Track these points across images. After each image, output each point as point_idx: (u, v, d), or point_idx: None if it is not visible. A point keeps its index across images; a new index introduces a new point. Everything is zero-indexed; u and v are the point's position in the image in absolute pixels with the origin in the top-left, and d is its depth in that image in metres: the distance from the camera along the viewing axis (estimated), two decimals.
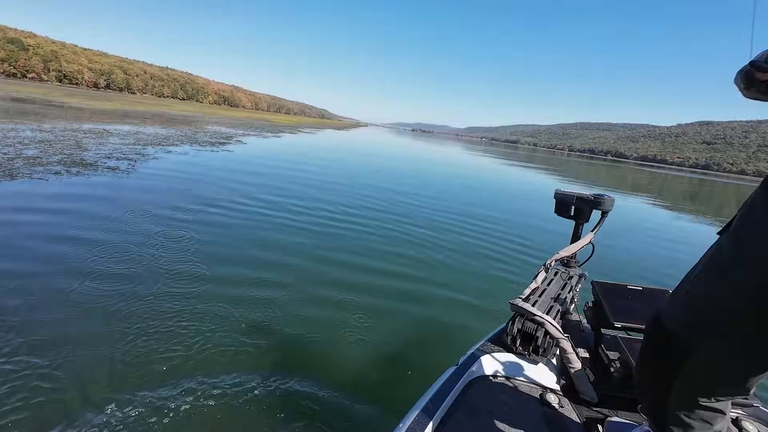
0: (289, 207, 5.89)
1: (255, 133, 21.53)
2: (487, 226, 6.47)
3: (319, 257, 3.99)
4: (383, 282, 3.63)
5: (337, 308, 3.01)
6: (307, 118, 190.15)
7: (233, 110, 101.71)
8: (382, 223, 5.69)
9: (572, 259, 1.97)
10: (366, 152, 20.87)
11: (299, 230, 4.84)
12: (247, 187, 6.81)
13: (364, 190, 8.22)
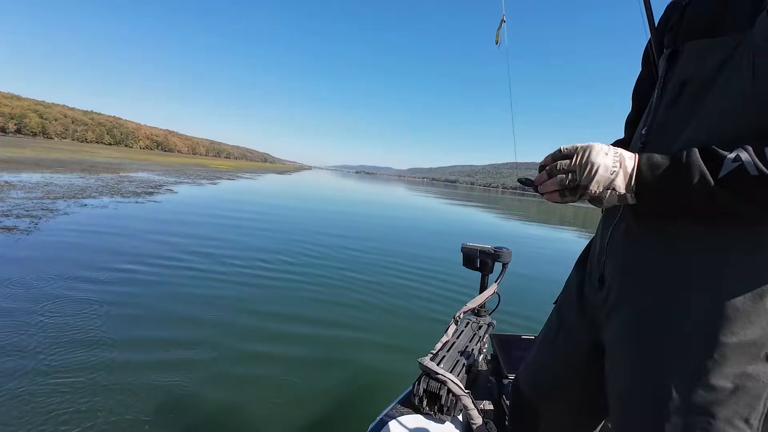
0: (220, 259, 5.52)
1: (189, 180, 20.49)
2: (424, 268, 6.54)
3: (247, 311, 3.75)
4: (314, 333, 3.49)
5: (257, 367, 2.83)
6: (248, 162, 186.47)
7: (167, 155, 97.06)
8: (317, 270, 5.53)
9: (482, 309, 2.11)
10: (307, 196, 20.76)
11: (228, 284, 4.52)
12: (173, 241, 6.30)
13: (302, 236, 8.02)
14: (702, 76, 0.60)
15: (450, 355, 1.59)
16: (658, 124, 0.67)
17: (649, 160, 0.56)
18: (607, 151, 0.57)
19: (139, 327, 3.28)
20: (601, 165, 0.56)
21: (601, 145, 0.58)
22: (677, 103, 0.63)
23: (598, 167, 0.56)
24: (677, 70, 0.66)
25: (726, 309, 0.53)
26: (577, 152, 0.58)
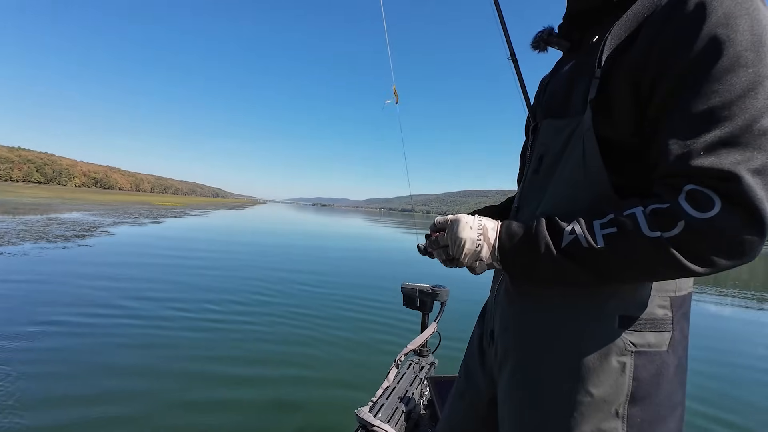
0: (162, 305, 5.04)
1: (129, 220, 19.05)
2: (376, 300, 6.40)
3: (190, 358, 3.44)
4: (262, 375, 3.28)
5: (199, 416, 2.57)
6: (198, 198, 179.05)
7: (106, 193, 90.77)
8: (267, 309, 5.17)
9: (424, 348, 2.10)
10: (259, 231, 19.98)
11: (171, 330, 4.12)
12: (108, 287, 5.69)
13: (252, 274, 7.58)
14: (554, 151, 0.69)
15: (389, 402, 1.60)
16: (527, 190, 0.76)
17: (507, 231, 0.63)
18: (472, 224, 0.64)
19: (60, 384, 2.86)
20: (467, 239, 0.63)
21: (467, 218, 0.65)
22: (538, 173, 0.73)
23: (464, 242, 0.63)
24: (538, 143, 0.76)
25: (580, 369, 0.59)
26: (448, 226, 0.66)
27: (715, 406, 3.48)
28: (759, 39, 0.49)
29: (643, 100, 0.56)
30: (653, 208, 0.50)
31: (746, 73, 0.48)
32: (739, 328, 6.93)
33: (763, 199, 0.45)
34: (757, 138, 0.47)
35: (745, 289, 12.36)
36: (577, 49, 0.74)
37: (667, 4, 0.55)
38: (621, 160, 0.59)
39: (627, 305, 0.59)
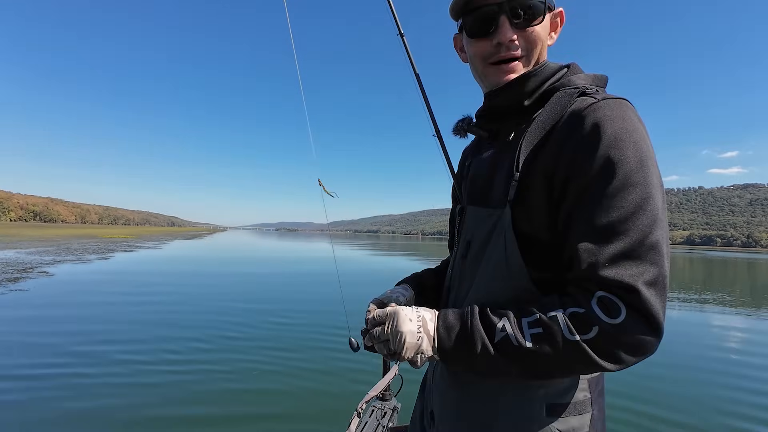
0: (112, 357, 4.53)
1: (72, 257, 17.51)
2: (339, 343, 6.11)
3: (148, 419, 3.04)
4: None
5: None
6: (151, 228, 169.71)
7: (46, 227, 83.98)
8: (231, 348, 4.81)
9: (387, 392, 2.04)
10: (220, 261, 18.94)
11: (124, 388, 3.67)
12: (47, 341, 5.05)
13: (213, 309, 7.06)
14: (479, 238, 0.75)
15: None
16: (457, 273, 0.82)
17: (445, 323, 0.65)
18: (411, 316, 0.65)
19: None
20: (407, 333, 0.63)
21: (406, 311, 0.66)
22: (466, 257, 0.79)
23: (405, 336, 0.63)
24: (464, 227, 0.82)
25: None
26: (387, 319, 0.66)
27: (663, 407, 3.55)
28: (642, 160, 0.60)
29: (556, 200, 0.65)
30: (572, 312, 0.58)
31: (635, 191, 0.58)
32: (687, 330, 7.29)
33: (659, 309, 0.56)
34: (648, 252, 0.57)
35: (689, 291, 13.20)
36: (495, 137, 0.81)
37: (569, 118, 0.65)
38: (539, 253, 0.67)
39: (553, 394, 0.66)
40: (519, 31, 0.71)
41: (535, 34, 0.72)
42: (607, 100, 0.64)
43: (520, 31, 0.71)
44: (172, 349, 5.02)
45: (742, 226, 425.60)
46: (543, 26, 0.73)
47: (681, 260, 39.95)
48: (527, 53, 0.73)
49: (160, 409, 3.36)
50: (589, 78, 0.74)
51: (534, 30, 0.72)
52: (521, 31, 0.71)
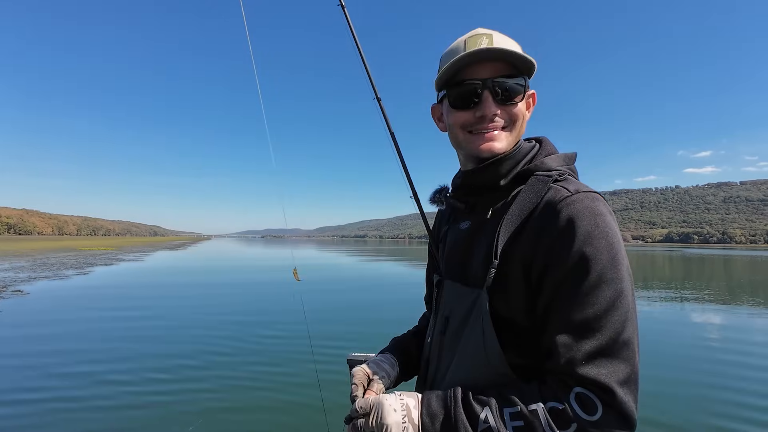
0: (99, 378, 4.42)
1: (49, 273, 16.91)
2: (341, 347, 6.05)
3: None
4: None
5: None
6: (132, 238, 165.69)
7: (21, 240, 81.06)
8: (223, 367, 4.65)
9: None
10: (205, 272, 18.58)
11: (113, 411, 3.53)
12: (26, 364, 4.86)
13: (201, 325, 6.91)
14: (458, 316, 0.78)
15: None
16: (436, 348, 0.85)
17: (429, 411, 0.67)
18: (396, 406, 0.67)
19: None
20: (393, 424, 0.65)
21: (390, 401, 0.68)
22: (445, 334, 0.82)
23: (391, 428, 0.65)
24: (442, 301, 0.86)
25: None
26: (372, 411, 0.68)
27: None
28: (614, 256, 0.64)
29: (534, 287, 0.68)
30: (552, 407, 0.61)
31: (609, 288, 0.62)
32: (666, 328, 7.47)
33: (632, 407, 0.60)
34: (621, 349, 0.61)
35: (668, 288, 13.56)
36: (471, 209, 0.84)
37: (544, 209, 0.69)
38: (517, 337, 0.69)
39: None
40: (501, 106, 0.76)
41: (517, 109, 0.78)
42: (580, 194, 0.69)
43: (502, 106, 0.76)
44: (156, 366, 4.90)
45: (717, 224, 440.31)
46: (525, 102, 0.79)
47: (661, 259, 41.01)
48: (510, 124, 0.78)
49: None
50: (560, 159, 0.79)
51: (516, 106, 0.78)
52: (503, 106, 0.77)
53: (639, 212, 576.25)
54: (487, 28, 0.79)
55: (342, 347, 5.99)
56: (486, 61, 0.75)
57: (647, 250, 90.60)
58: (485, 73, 0.75)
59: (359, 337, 6.81)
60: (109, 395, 4.04)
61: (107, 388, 4.22)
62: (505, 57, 0.74)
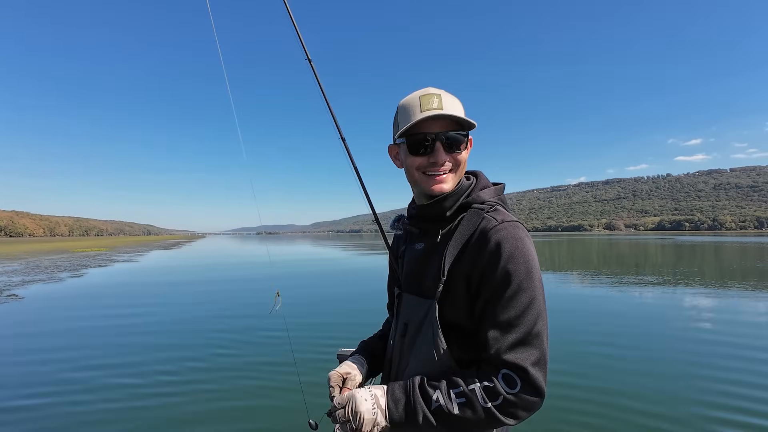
0: (105, 382, 4.38)
1: (43, 276, 16.76)
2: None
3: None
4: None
5: None
6: (126, 238, 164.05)
7: (13, 243, 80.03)
8: (231, 367, 4.66)
9: None
10: (203, 269, 18.50)
11: (116, 413, 3.52)
12: (29, 371, 4.85)
13: (206, 323, 6.86)
14: (414, 323, 0.98)
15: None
16: (397, 348, 1.04)
17: (393, 397, 0.85)
18: (366, 397, 0.85)
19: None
20: (365, 411, 0.83)
21: (361, 393, 0.86)
22: (405, 336, 1.01)
23: (363, 414, 0.83)
24: (402, 310, 1.05)
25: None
26: (347, 403, 0.85)
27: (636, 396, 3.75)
28: (529, 270, 0.84)
29: (473, 296, 0.88)
30: (485, 386, 0.81)
31: (524, 295, 0.83)
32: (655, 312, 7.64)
33: (542, 381, 0.81)
34: (534, 340, 0.82)
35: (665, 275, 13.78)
36: (424, 234, 1.04)
37: (479, 236, 0.89)
38: (462, 337, 0.90)
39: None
40: (449, 154, 0.95)
41: (460, 157, 0.97)
42: (505, 223, 0.89)
43: (450, 154, 0.95)
44: (164, 370, 4.92)
45: (708, 210, 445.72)
46: (465, 151, 0.98)
47: (653, 247, 41.49)
48: (455, 168, 0.98)
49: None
50: (491, 192, 1.00)
51: (460, 153, 0.97)
52: (450, 154, 0.96)
53: (631, 201, 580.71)
54: (436, 87, 0.98)
55: (323, 343, 6.05)
56: (439, 119, 0.93)
57: (640, 238, 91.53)
58: (437, 127, 0.94)
59: (344, 329, 6.86)
60: (116, 398, 4.12)
61: (113, 391, 4.29)
62: (452, 118, 0.94)
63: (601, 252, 34.44)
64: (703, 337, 6.46)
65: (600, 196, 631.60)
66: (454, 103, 0.96)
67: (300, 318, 8.00)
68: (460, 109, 0.96)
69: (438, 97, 0.94)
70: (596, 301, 10.02)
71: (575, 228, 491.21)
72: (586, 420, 3.56)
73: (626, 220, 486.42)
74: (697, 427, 3.43)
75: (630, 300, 10.11)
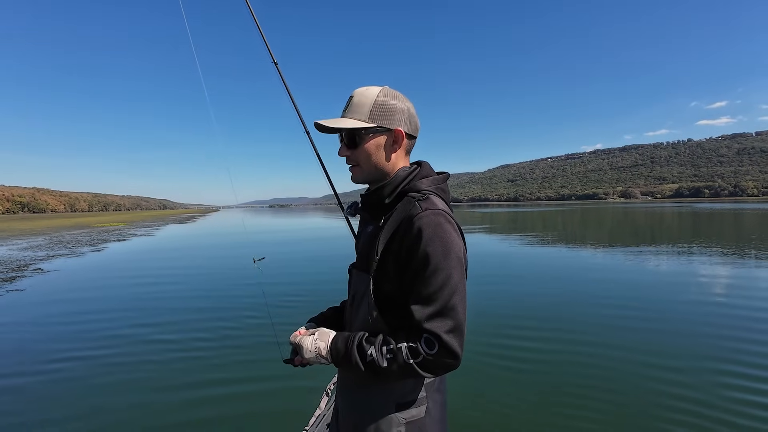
0: (144, 338, 4.62)
1: (66, 250, 17.41)
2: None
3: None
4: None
5: None
6: (143, 212, 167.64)
7: (36, 219, 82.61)
8: (256, 331, 4.96)
9: None
10: (225, 242, 18.98)
11: (160, 364, 3.76)
12: (72, 330, 5.18)
13: (236, 290, 7.19)
14: (359, 294, 1.15)
15: (319, 430, 1.97)
16: (349, 315, 1.23)
17: (334, 346, 1.05)
18: (311, 348, 1.07)
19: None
20: (306, 345, 1.07)
21: (307, 343, 1.08)
22: (353, 306, 1.19)
23: (305, 347, 1.06)
24: (352, 282, 1.23)
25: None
26: (298, 348, 1.09)
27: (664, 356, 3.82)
28: (446, 252, 0.97)
29: (400, 273, 1.03)
30: (409, 345, 0.97)
31: (441, 273, 0.97)
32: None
33: (456, 346, 0.96)
34: (449, 311, 0.96)
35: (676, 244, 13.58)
36: (373, 217, 1.17)
37: (406, 222, 1.02)
38: (393, 307, 1.05)
39: (400, 395, 1.08)
40: (350, 150, 1.13)
41: (359, 153, 1.12)
42: (428, 211, 1.02)
43: (350, 150, 1.13)
44: (199, 327, 5.18)
45: (729, 176, 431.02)
46: (373, 144, 1.11)
47: (670, 216, 40.68)
48: (358, 163, 1.14)
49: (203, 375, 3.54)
50: (429, 182, 1.12)
51: (357, 150, 1.11)
52: (351, 150, 1.13)
53: (649, 168, 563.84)
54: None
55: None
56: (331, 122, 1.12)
57: (656, 206, 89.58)
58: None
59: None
60: (156, 351, 4.76)
61: (155, 345, 4.90)
62: (318, 126, 1.13)
63: (598, 221, 33.87)
64: (717, 310, 6.42)
65: (616, 163, 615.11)
66: (360, 102, 1.10)
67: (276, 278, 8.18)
68: (363, 109, 1.09)
69: (350, 98, 1.12)
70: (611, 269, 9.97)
71: (589, 197, 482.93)
72: (599, 373, 3.65)
73: (643, 188, 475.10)
74: (713, 380, 3.51)
75: (644, 269, 10.02)
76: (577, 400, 3.48)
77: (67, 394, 3.83)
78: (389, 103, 1.10)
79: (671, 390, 3.60)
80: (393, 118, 1.10)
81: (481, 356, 4.44)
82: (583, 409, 3.33)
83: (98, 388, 3.94)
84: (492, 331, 5.32)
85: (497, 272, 9.96)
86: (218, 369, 4.34)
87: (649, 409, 3.30)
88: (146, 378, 4.13)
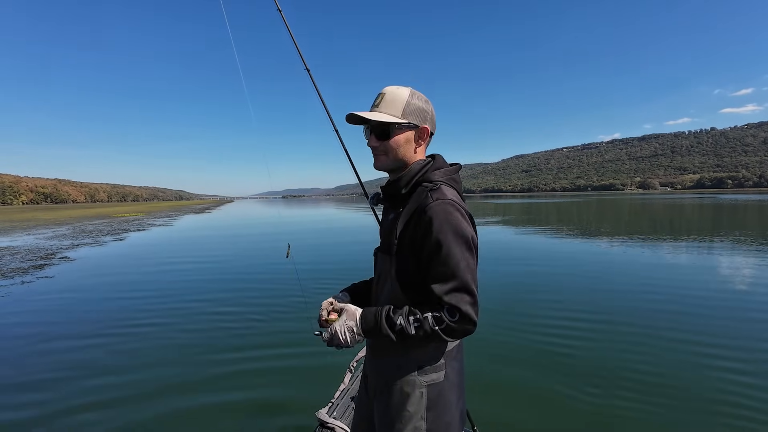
0: (192, 312, 4.85)
1: (89, 240, 17.99)
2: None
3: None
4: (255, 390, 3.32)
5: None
6: (160, 203, 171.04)
7: (58, 209, 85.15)
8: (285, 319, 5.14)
9: None
10: (244, 232, 19.30)
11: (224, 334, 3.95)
12: (123, 306, 5.42)
13: (263, 274, 7.46)
14: (383, 274, 1.29)
15: (343, 403, 2.07)
16: (375, 292, 1.37)
17: (364, 320, 1.18)
18: (341, 324, 1.19)
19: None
20: (337, 329, 1.19)
21: (339, 326, 1.20)
22: (378, 283, 1.34)
23: (338, 331, 1.19)
24: (377, 263, 1.36)
25: (403, 398, 1.21)
26: (332, 333, 1.20)
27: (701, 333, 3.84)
28: (457, 239, 1.12)
29: (417, 256, 1.16)
30: (434, 315, 1.11)
31: (455, 256, 1.11)
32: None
33: (473, 314, 1.11)
34: (464, 287, 1.11)
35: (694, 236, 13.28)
36: (393, 206, 1.30)
37: (420, 211, 1.15)
38: (413, 284, 1.19)
39: (422, 362, 1.22)
40: (380, 141, 1.25)
41: (389, 144, 1.25)
42: (439, 200, 1.15)
43: (380, 141, 1.25)
44: (243, 302, 5.40)
45: (755, 166, 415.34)
46: (403, 138, 1.25)
47: (690, 208, 39.60)
48: (386, 153, 1.26)
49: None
50: (442, 173, 1.25)
51: (389, 141, 1.24)
52: (381, 141, 1.25)
53: (669, 158, 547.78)
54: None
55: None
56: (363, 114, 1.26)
57: (675, 197, 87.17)
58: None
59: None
60: (205, 321, 5.43)
61: (197, 317, 5.34)
62: (357, 117, 1.26)
63: (604, 214, 33.19)
64: (737, 302, 6.32)
65: (635, 153, 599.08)
66: (393, 100, 1.23)
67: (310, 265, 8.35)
68: (396, 106, 1.22)
69: (381, 95, 1.25)
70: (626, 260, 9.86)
71: (606, 188, 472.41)
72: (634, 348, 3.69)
73: (662, 179, 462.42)
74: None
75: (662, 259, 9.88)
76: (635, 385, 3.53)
77: (135, 353, 4.22)
78: (418, 104, 1.25)
79: (730, 377, 3.67)
80: (421, 116, 1.26)
81: (534, 343, 4.52)
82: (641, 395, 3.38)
83: (162, 348, 4.67)
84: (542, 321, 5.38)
85: (544, 269, 9.91)
86: (253, 338, 4.90)
87: (706, 393, 3.40)
88: (195, 344, 4.76)
